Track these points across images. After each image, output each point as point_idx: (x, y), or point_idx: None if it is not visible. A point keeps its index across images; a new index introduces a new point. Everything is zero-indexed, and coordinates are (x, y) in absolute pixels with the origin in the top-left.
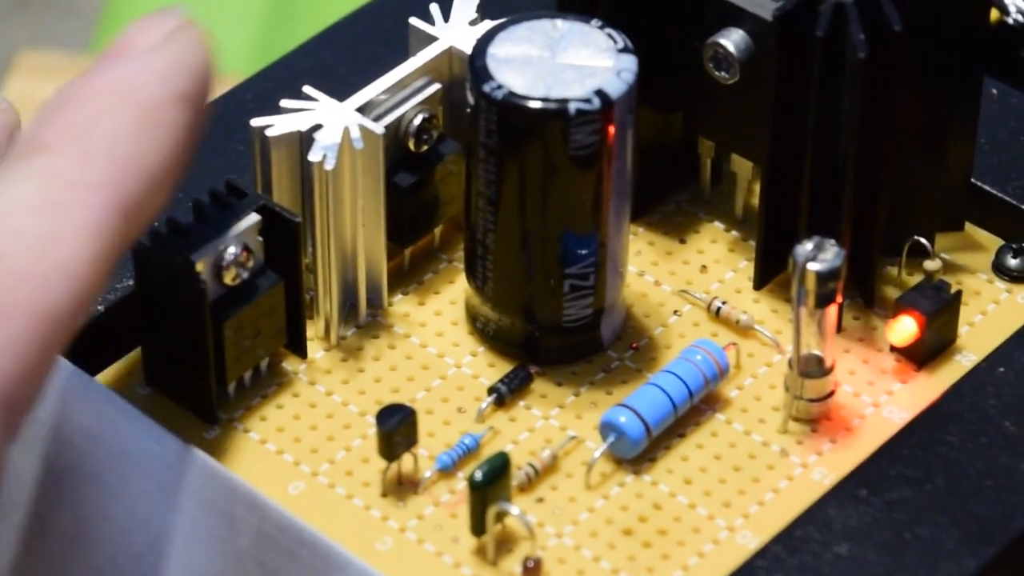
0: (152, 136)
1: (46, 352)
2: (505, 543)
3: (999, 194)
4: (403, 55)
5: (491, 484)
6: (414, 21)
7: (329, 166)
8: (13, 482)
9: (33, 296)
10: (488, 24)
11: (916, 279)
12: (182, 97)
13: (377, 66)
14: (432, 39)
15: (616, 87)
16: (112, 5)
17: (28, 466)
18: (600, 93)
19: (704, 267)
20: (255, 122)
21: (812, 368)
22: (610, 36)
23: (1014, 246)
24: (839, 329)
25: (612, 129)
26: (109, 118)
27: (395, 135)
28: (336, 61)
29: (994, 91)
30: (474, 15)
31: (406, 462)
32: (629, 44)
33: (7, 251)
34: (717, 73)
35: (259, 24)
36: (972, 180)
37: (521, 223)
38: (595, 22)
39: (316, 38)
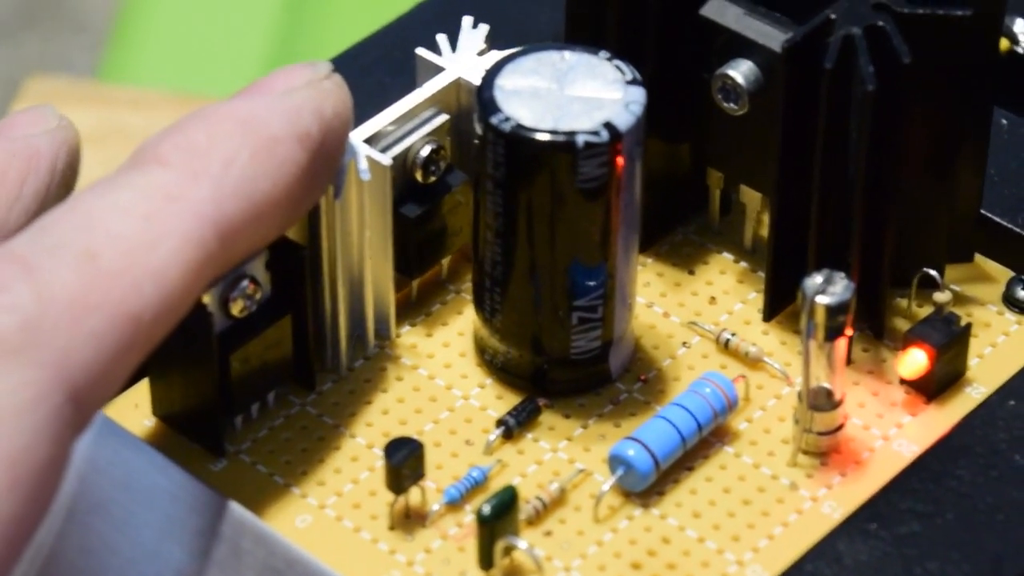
0: (265, 168)
1: (124, 353)
2: None
3: (1009, 225)
4: (410, 85)
5: (499, 518)
6: (421, 51)
7: (336, 197)
8: None
9: (121, 296)
10: (496, 55)
11: (926, 311)
12: (304, 138)
13: (384, 96)
14: (439, 69)
15: (624, 119)
16: (122, 27)
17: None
18: (608, 125)
19: (713, 298)
20: None
21: (821, 401)
22: (618, 68)
23: None
24: (848, 361)
25: (620, 161)
26: (226, 142)
27: (403, 166)
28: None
29: (1004, 121)
30: (482, 46)
31: (414, 495)
32: (637, 76)
33: (102, 251)
34: (726, 104)
35: (265, 52)
36: (982, 211)
37: (529, 255)
38: (603, 54)
39: None
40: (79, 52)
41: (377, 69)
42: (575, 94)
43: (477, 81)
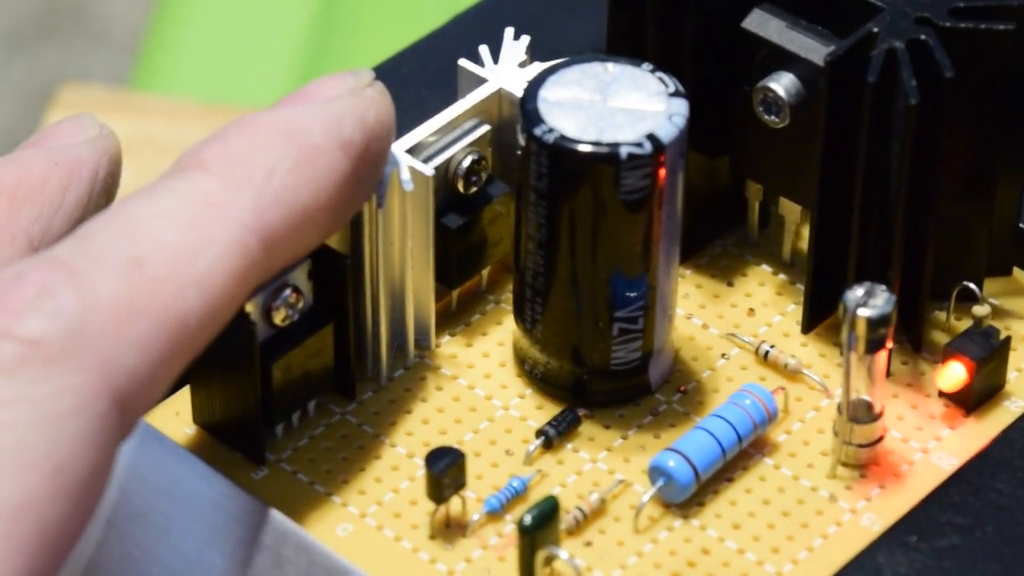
0: (307, 176)
1: (169, 358)
2: None
3: None
4: (449, 96)
5: (540, 528)
6: (463, 62)
7: (379, 207)
8: None
9: (166, 301)
10: (537, 66)
11: (964, 324)
12: (347, 146)
13: (422, 107)
14: (481, 80)
15: (667, 131)
16: (153, 38)
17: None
18: (651, 137)
19: (752, 310)
20: None
21: (861, 413)
22: (661, 80)
23: None
24: (887, 374)
25: (663, 173)
26: (269, 150)
27: (444, 176)
28: None
29: None
30: (523, 57)
31: (454, 505)
32: (680, 88)
33: (146, 256)
34: (767, 117)
35: (295, 62)
36: (1021, 225)
37: (571, 266)
38: (646, 66)
39: None
40: (98, 62)
41: (416, 80)
42: (618, 106)
43: (519, 92)
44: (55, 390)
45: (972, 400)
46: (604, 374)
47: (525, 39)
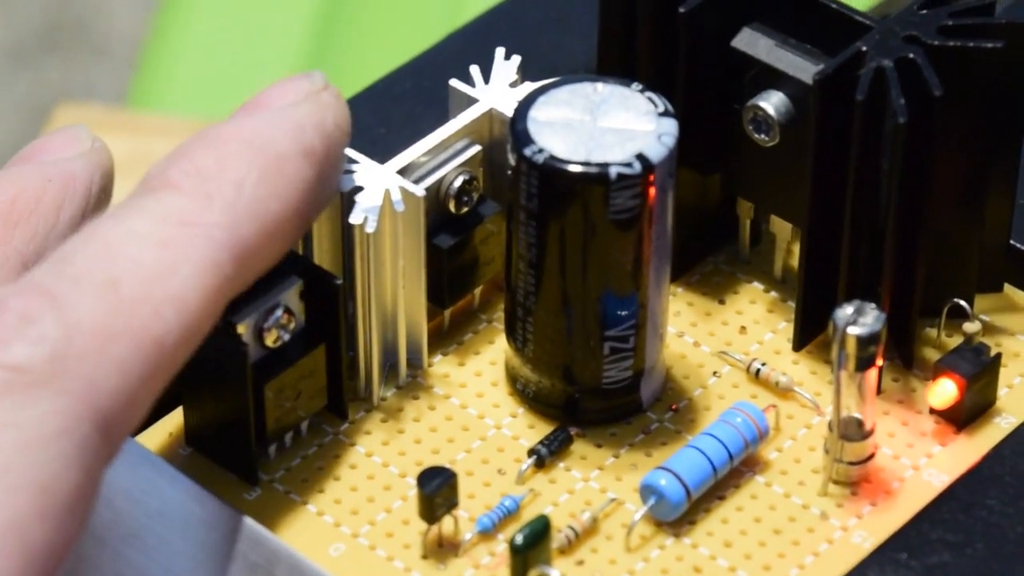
0: (275, 187)
1: (149, 378)
2: None
3: None
4: (442, 115)
5: (532, 547)
6: (454, 83)
7: (370, 228)
8: None
9: (143, 323)
10: (528, 86)
11: (955, 341)
12: (309, 153)
13: (415, 126)
14: (472, 101)
15: (657, 151)
16: (151, 55)
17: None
18: (641, 157)
19: (743, 328)
20: None
21: (852, 431)
22: (651, 100)
23: None
24: (878, 391)
25: (653, 192)
26: (235, 164)
27: (436, 197)
28: (374, 121)
29: None
30: (514, 77)
31: (447, 524)
32: (670, 108)
33: (122, 278)
34: (757, 136)
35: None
36: (1011, 242)
37: (561, 285)
38: (636, 85)
39: (354, 98)
40: (101, 77)
41: (408, 99)
42: (608, 125)
43: (510, 112)
44: (39, 414)
45: (963, 417)
46: (596, 393)
47: (516, 59)
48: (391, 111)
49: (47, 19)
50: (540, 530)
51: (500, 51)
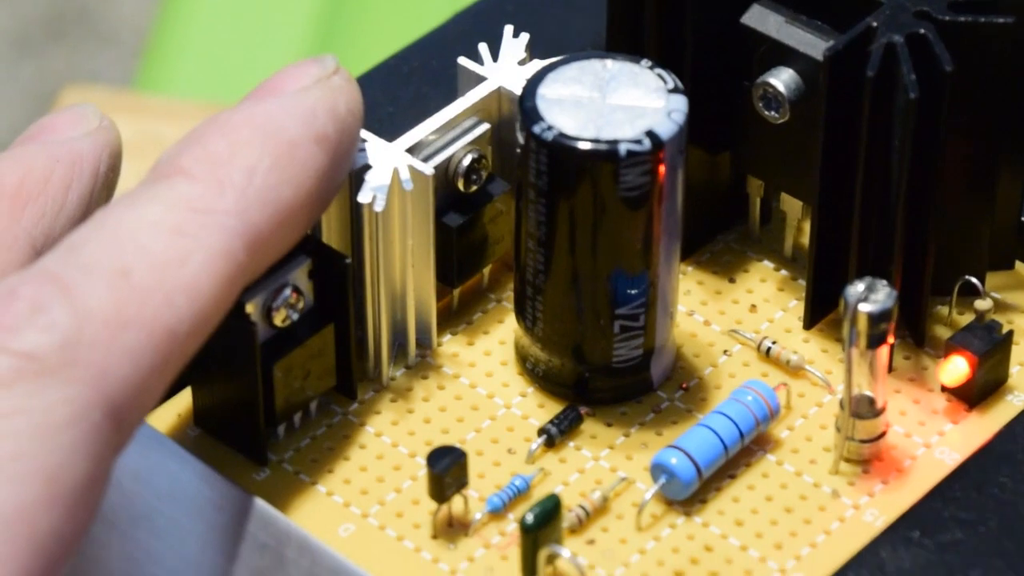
0: (287, 173)
1: (161, 367)
2: None
3: None
4: (449, 94)
5: (542, 527)
6: (462, 61)
7: (379, 207)
8: None
9: (155, 311)
10: (537, 64)
11: (967, 318)
12: (322, 139)
13: (423, 106)
14: (481, 79)
15: (667, 128)
16: (158, 39)
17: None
18: (651, 134)
19: (754, 306)
20: None
21: (863, 409)
22: (660, 76)
23: None
24: (889, 369)
25: (663, 170)
26: (247, 150)
27: (444, 175)
28: (383, 100)
29: None
30: (523, 55)
31: (456, 504)
32: (679, 84)
33: (134, 266)
34: (767, 113)
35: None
36: (1023, 219)
37: (571, 264)
38: (645, 62)
39: (362, 77)
40: (107, 65)
41: (416, 79)
42: (617, 103)
43: (518, 90)
44: (50, 402)
45: (975, 395)
46: (606, 372)
47: (524, 37)
48: (398, 90)
49: (52, 7)
50: (551, 509)
51: (508, 29)
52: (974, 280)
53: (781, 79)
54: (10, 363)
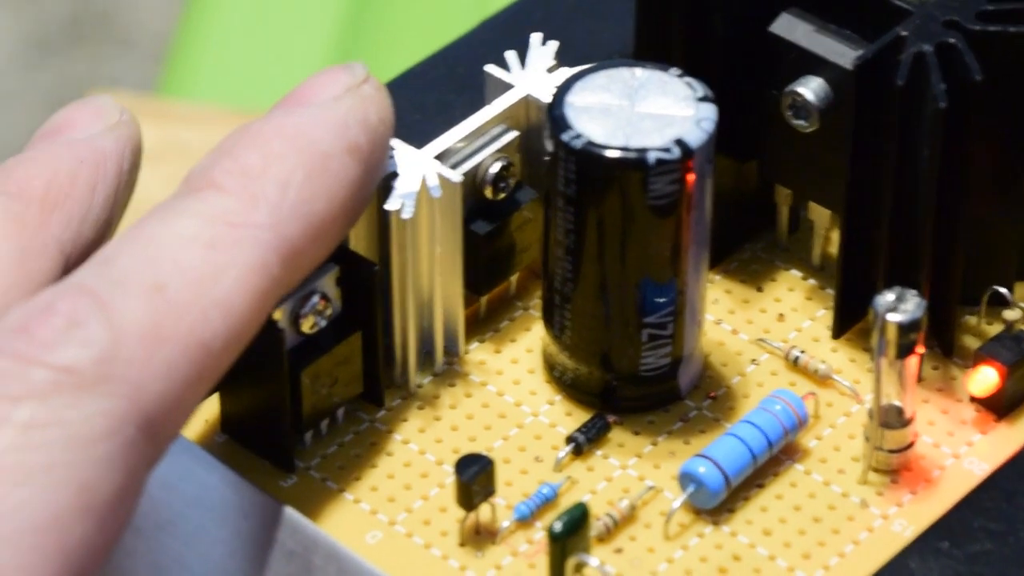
0: (320, 186)
1: (195, 382)
2: None
3: None
4: (475, 102)
5: (570, 535)
6: (490, 68)
7: (407, 215)
8: None
9: (190, 327)
10: (565, 72)
11: (995, 329)
12: (354, 150)
13: (449, 114)
14: (508, 86)
15: (696, 136)
16: (180, 44)
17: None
18: (680, 142)
19: (781, 316)
20: None
21: (892, 419)
22: (689, 85)
23: None
24: (918, 379)
25: (691, 178)
26: (280, 163)
27: (472, 183)
28: (408, 108)
29: None
30: (551, 62)
31: (484, 512)
32: (709, 93)
33: (168, 282)
34: (795, 122)
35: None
36: None
37: (599, 272)
38: (674, 71)
39: (388, 85)
40: (126, 69)
41: (442, 86)
42: (646, 111)
43: (546, 98)
44: (86, 415)
45: (1004, 405)
46: (633, 380)
47: (552, 44)
48: (424, 98)
49: (72, 12)
50: (579, 518)
51: (536, 36)
52: (1003, 290)
53: (810, 88)
54: (48, 376)
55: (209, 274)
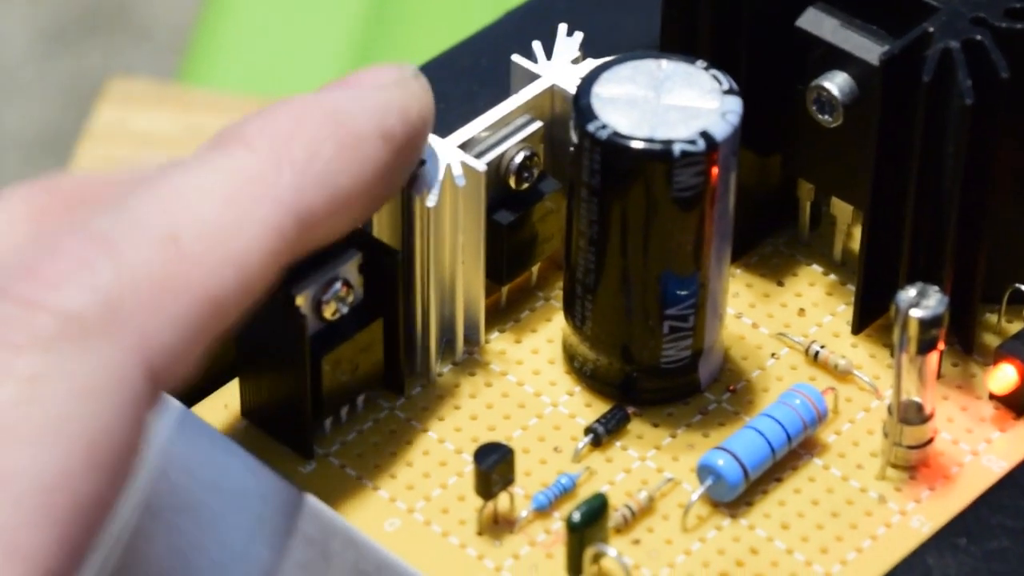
0: (348, 162)
1: (201, 336)
2: None
3: None
4: (499, 93)
5: (589, 525)
6: (516, 58)
7: (431, 203)
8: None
9: (202, 279)
10: (590, 63)
11: (1016, 327)
12: (389, 137)
13: (472, 104)
14: (534, 77)
15: (721, 129)
16: (202, 32)
17: (121, 498)
18: (705, 135)
19: (802, 310)
20: None
21: (911, 414)
22: (715, 77)
23: None
24: (938, 376)
25: (716, 171)
26: (313, 132)
27: (496, 172)
28: (434, 97)
29: None
30: (576, 53)
31: (502, 501)
32: (734, 86)
33: (184, 232)
34: (820, 116)
35: (344, 57)
36: None
37: (622, 263)
38: (700, 63)
39: None
40: (143, 61)
41: (466, 77)
42: (672, 103)
43: (571, 89)
44: (92, 366)
45: (1023, 403)
46: (654, 372)
47: (578, 35)
48: (449, 88)
49: (88, 3)
50: (597, 508)
51: (562, 27)
52: None
53: (835, 83)
54: (51, 323)
55: (225, 228)
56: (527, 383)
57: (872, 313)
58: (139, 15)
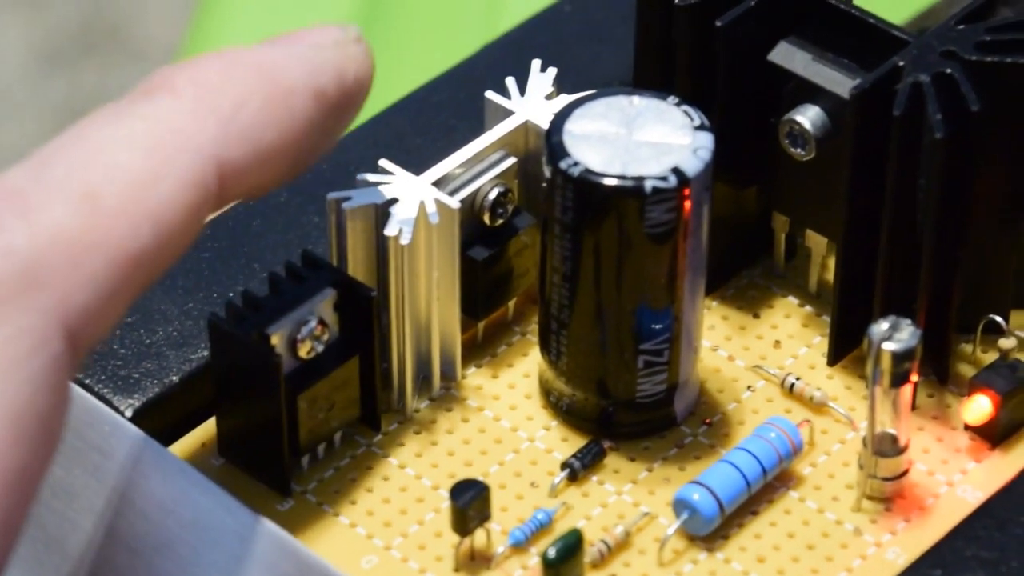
0: (276, 116)
1: (120, 295)
2: None
3: None
4: (476, 126)
5: (565, 561)
6: (490, 94)
7: (405, 240)
8: (85, 551)
9: (120, 238)
10: (564, 99)
11: (991, 357)
12: (320, 96)
13: (450, 138)
14: (508, 113)
15: (693, 165)
16: (186, 54)
17: (99, 536)
18: (676, 171)
19: (778, 342)
20: (332, 196)
21: (886, 446)
22: (687, 113)
23: None
24: (913, 407)
25: (688, 206)
26: (241, 84)
27: (470, 209)
28: (410, 131)
29: None
30: (550, 89)
31: (479, 537)
32: (706, 122)
33: (101, 188)
34: (793, 150)
35: None
36: None
37: (596, 298)
38: (672, 99)
39: (389, 109)
40: (137, 81)
41: (443, 111)
42: (643, 139)
43: (545, 124)
44: (9, 333)
45: (998, 433)
46: (629, 406)
47: (552, 71)
48: (427, 122)
49: (82, 23)
50: (573, 544)
51: (536, 63)
52: (998, 319)
53: (807, 116)
54: None
55: (144, 181)
56: (504, 418)
57: (847, 344)
58: (134, 35)
